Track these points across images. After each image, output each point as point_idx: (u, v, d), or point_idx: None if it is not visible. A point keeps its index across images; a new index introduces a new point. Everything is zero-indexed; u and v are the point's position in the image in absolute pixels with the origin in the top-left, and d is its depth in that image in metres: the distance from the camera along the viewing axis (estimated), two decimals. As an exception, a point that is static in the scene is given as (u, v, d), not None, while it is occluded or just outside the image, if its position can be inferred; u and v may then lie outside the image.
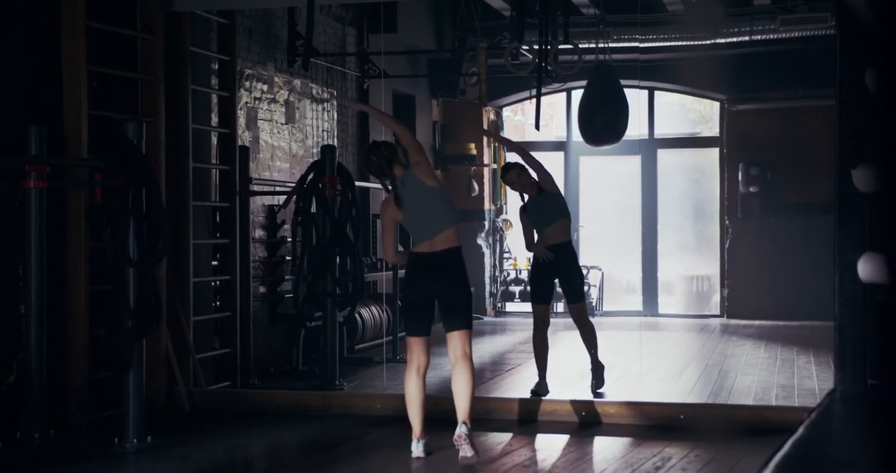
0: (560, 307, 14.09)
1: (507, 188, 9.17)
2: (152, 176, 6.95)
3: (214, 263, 9.13)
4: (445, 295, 6.25)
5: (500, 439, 6.92)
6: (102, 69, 7.69)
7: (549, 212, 8.44)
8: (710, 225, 15.47)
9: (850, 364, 4.37)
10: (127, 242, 6.74)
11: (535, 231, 8.50)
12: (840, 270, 4.42)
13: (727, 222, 14.88)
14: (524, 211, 8.52)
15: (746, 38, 13.52)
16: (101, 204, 6.84)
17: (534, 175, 8.48)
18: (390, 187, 6.33)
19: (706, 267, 15.48)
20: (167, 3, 8.16)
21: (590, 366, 8.58)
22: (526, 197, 8.52)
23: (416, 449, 6.23)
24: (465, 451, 6.04)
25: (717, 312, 15.08)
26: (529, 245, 8.54)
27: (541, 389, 8.37)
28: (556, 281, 8.55)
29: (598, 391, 8.53)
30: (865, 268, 3.85)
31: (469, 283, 6.37)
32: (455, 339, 6.24)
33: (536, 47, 11.35)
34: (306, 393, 8.40)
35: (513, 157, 11.00)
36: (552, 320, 8.61)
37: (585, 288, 9.99)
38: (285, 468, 6.46)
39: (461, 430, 6.09)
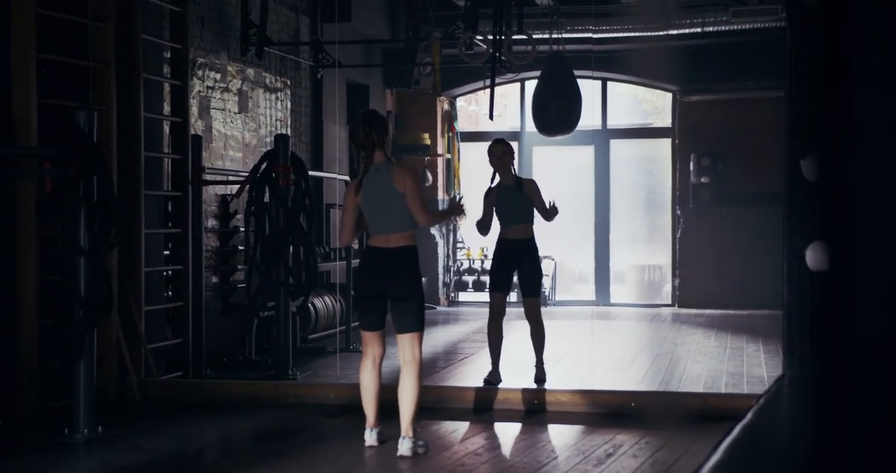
0: (514, 296, 14.13)
1: (461, 179, 9.18)
2: (104, 165, 6.89)
3: (166, 253, 9.08)
4: (396, 293, 6.12)
5: (454, 427, 6.95)
6: (53, 57, 7.61)
7: (520, 211, 8.45)
8: (661, 215, 15.59)
9: (798, 351, 4.44)
10: (78, 232, 6.68)
11: (496, 217, 8.50)
12: (789, 258, 4.48)
13: (679, 212, 15.00)
14: (489, 194, 8.49)
15: (698, 30, 13.63)
16: (52, 193, 6.78)
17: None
18: (360, 169, 6.18)
19: (658, 256, 15.61)
20: (118, -10, 8.08)
21: (534, 363, 8.59)
22: (497, 178, 8.52)
23: (370, 438, 6.21)
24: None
25: (669, 301, 15.22)
26: (481, 224, 8.50)
27: (493, 378, 8.39)
28: (516, 272, 8.56)
29: (541, 381, 8.48)
30: (813, 257, 3.91)
31: (421, 285, 6.28)
32: (404, 342, 6.13)
33: (491, 37, 11.39)
34: (259, 382, 8.39)
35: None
36: (507, 309, 8.64)
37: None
38: (237, 457, 6.45)
39: (403, 449, 5.99)
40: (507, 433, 6.93)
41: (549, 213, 8.46)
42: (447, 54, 12.93)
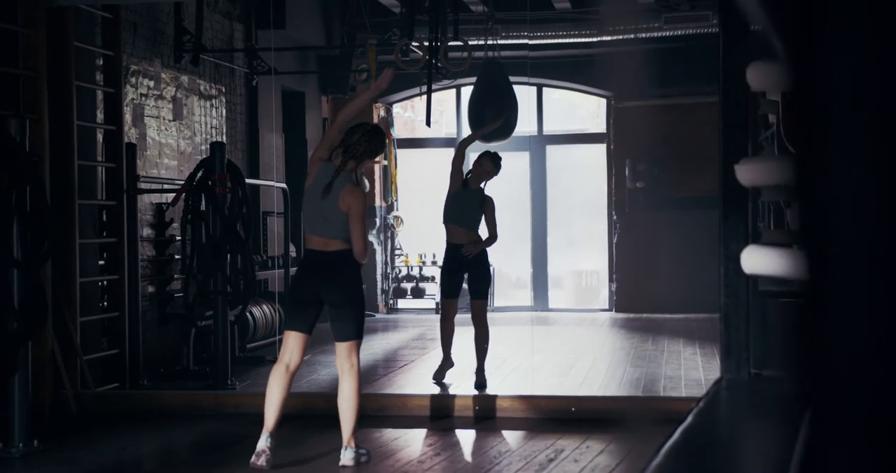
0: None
1: (398, 185, 9.25)
2: (37, 174, 6.80)
3: (101, 263, 8.97)
4: (333, 299, 5.98)
5: (396, 435, 6.93)
6: (-18, 65, 7.49)
7: (471, 220, 8.61)
8: (598, 220, 15.69)
9: (735, 353, 4.49)
10: (11, 243, 6.57)
11: (444, 220, 8.65)
12: (724, 262, 4.54)
13: (615, 217, 15.12)
14: (452, 199, 8.62)
15: (631, 36, 13.75)
16: (-17, 203, 6.66)
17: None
18: (335, 166, 5.99)
19: (595, 261, 15.71)
20: (49, -3, 7.98)
21: (475, 369, 8.65)
22: (471, 178, 8.68)
23: (262, 443, 5.92)
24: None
25: (606, 306, 15.32)
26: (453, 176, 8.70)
27: (445, 364, 8.69)
28: (466, 276, 8.71)
29: (482, 387, 8.54)
30: (749, 260, 3.96)
31: (361, 291, 6.15)
32: (342, 350, 6.02)
33: (427, 44, 11.40)
34: (198, 393, 8.31)
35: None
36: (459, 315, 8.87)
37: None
38: (176, 468, 6.38)
39: (345, 459, 5.94)
40: (449, 439, 6.93)
41: (491, 240, 8.64)
42: (383, 60, 12.93)
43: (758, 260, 3.79)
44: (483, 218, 8.65)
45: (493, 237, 8.64)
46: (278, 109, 13.04)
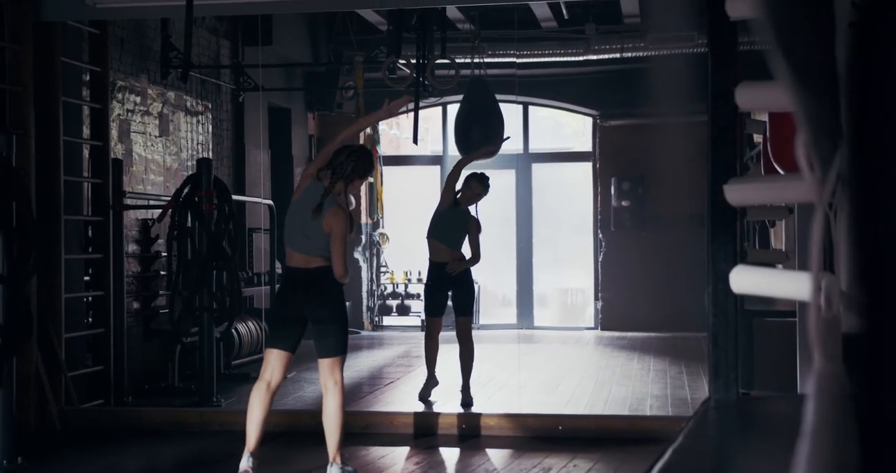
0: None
1: (384, 202, 9.28)
2: (23, 189, 6.77)
3: (87, 278, 8.93)
4: (316, 316, 5.95)
5: (382, 453, 6.91)
6: (-31, 79, 7.47)
7: (456, 239, 8.68)
8: (583, 238, 15.71)
9: (724, 373, 4.49)
10: (-4, 258, 6.55)
11: (428, 238, 8.66)
12: (713, 281, 4.54)
13: (600, 235, 15.14)
14: (439, 216, 8.72)
15: (617, 55, 13.81)
16: (-31, 218, 6.64)
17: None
18: (323, 186, 5.98)
19: (580, 279, 15.72)
20: (36, 12, 7.97)
21: (460, 386, 8.65)
22: (459, 197, 8.79)
23: (244, 463, 5.91)
24: None
25: (592, 324, 15.32)
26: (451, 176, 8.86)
27: (430, 383, 8.68)
28: (450, 294, 8.72)
29: (468, 405, 8.53)
30: (737, 280, 3.97)
31: (344, 307, 6.11)
32: (324, 366, 5.98)
33: (414, 62, 11.42)
34: (183, 410, 8.27)
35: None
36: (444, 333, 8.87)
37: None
38: (162, 486, 6.35)
39: None
40: (435, 458, 6.91)
41: (474, 260, 8.68)
42: (369, 78, 12.94)
43: (746, 280, 3.80)
44: (468, 238, 8.68)
45: (476, 257, 8.67)
46: (265, 126, 13.03)
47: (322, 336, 5.99)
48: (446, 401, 8.64)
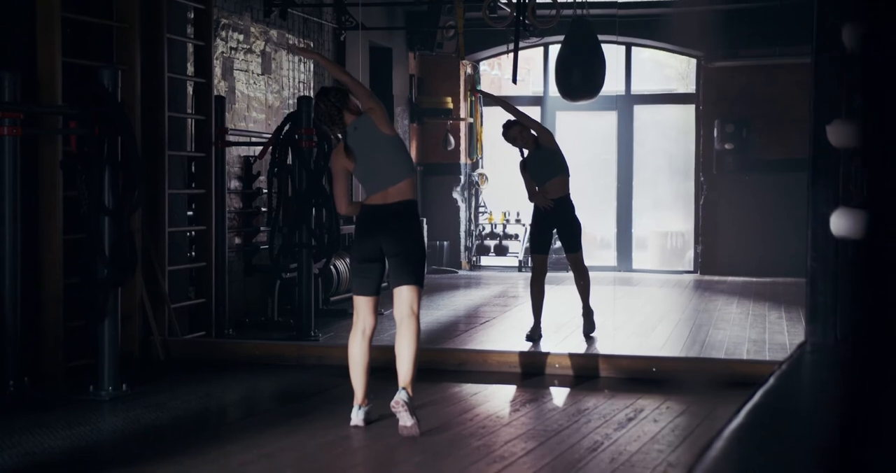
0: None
1: (483, 143, 9.30)
2: (128, 125, 6.91)
3: (190, 213, 9.11)
4: (395, 249, 5.79)
5: (475, 390, 6.97)
6: (77, 16, 7.61)
7: (548, 168, 8.75)
8: (685, 181, 15.51)
9: (821, 317, 4.42)
10: (102, 191, 6.71)
11: (535, 185, 8.72)
12: (813, 225, 4.46)
13: (702, 179, 14.93)
14: (524, 166, 8.80)
15: (724, -6, 13.50)
16: (76, 152, 6.80)
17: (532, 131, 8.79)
18: (340, 135, 5.99)
19: (680, 223, 15.56)
20: (143, -50, 8.06)
21: (581, 311, 8.93)
22: (525, 151, 8.77)
23: (356, 417, 5.88)
24: (405, 420, 5.61)
25: (691, 268, 15.18)
26: (531, 196, 8.81)
27: (535, 333, 8.74)
28: (555, 232, 8.87)
29: (590, 335, 8.92)
30: (838, 223, 3.88)
31: (423, 240, 6.00)
32: (402, 295, 5.80)
33: (515, 1, 11.31)
34: (281, 343, 8.43)
35: (498, 113, 11.00)
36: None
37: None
38: (259, 417, 6.50)
39: (400, 396, 5.63)
40: (528, 396, 6.95)
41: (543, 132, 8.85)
42: (470, 17, 12.87)
43: (847, 223, 3.72)
44: (554, 151, 8.68)
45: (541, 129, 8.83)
46: (365, 65, 13.06)
47: (400, 265, 5.82)
48: (545, 341, 8.69)
